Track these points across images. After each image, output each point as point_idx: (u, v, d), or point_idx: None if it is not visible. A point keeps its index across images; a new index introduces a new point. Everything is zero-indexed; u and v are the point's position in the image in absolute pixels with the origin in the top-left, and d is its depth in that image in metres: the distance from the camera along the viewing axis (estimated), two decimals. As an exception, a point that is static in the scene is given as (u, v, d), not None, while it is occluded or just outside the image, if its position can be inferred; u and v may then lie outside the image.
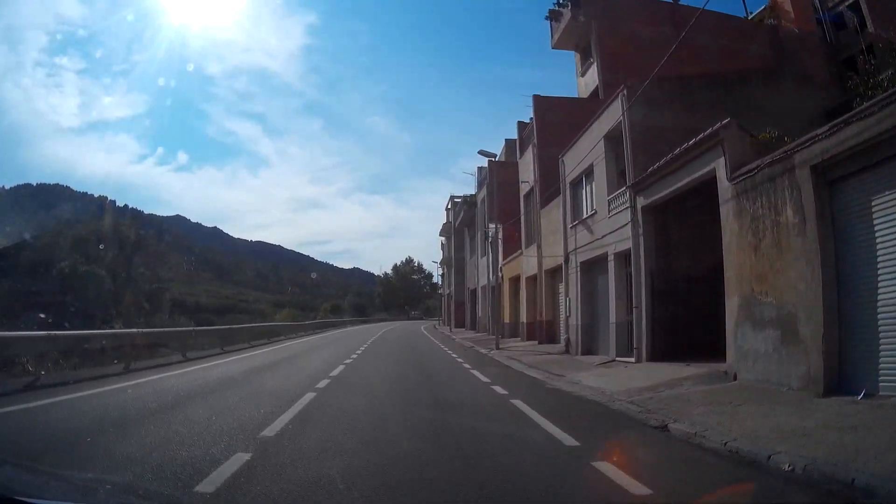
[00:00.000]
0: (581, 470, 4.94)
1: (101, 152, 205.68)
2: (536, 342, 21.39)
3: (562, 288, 19.73)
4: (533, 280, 23.38)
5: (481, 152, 21.81)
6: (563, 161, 19.21)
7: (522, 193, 24.05)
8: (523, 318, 24.05)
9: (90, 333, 15.13)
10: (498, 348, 19.81)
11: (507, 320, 27.28)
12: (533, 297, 23.37)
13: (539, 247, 21.33)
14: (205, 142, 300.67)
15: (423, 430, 6.54)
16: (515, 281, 26.05)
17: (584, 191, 17.82)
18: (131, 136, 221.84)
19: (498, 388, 10.11)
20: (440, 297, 69.84)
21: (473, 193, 37.16)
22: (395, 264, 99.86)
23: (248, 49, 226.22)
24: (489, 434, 6.41)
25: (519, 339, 24.43)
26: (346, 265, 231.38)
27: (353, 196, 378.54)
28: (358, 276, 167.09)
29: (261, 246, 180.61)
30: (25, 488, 2.37)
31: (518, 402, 8.49)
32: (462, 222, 39.70)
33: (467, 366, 14.68)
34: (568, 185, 18.68)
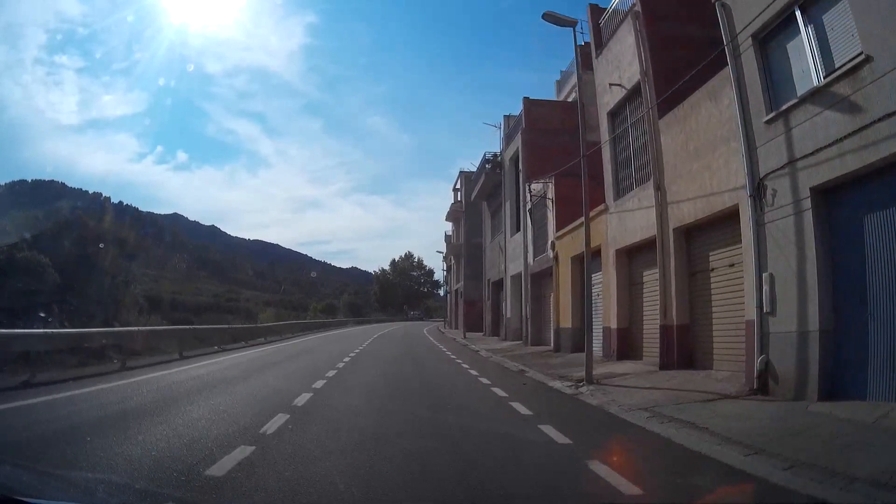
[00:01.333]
0: None
1: (101, 151, 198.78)
2: (653, 365, 11.15)
3: (728, 255, 9.60)
4: (629, 254, 13.23)
5: None
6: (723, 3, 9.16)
7: (606, 110, 13.84)
8: (610, 321, 13.68)
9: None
10: (595, 383, 9.53)
11: (562, 324, 17.07)
12: (630, 284, 13.17)
13: (659, 189, 11.10)
14: (204, 141, 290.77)
15: None
16: (581, 261, 15.78)
17: (803, 33, 7.71)
18: (131, 135, 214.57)
19: None
20: (442, 295, 59.81)
21: (497, 152, 26.94)
22: (394, 259, 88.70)
23: (248, 48, 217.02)
24: None
25: (604, 357, 13.98)
26: (345, 265, 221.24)
27: (352, 196, 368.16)
28: (355, 276, 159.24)
29: (259, 245, 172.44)
30: (25, 488, 2.28)
31: None
32: (481, 193, 29.88)
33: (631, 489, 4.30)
34: (751, 43, 8.59)
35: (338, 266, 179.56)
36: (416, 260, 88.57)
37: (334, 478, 4.15)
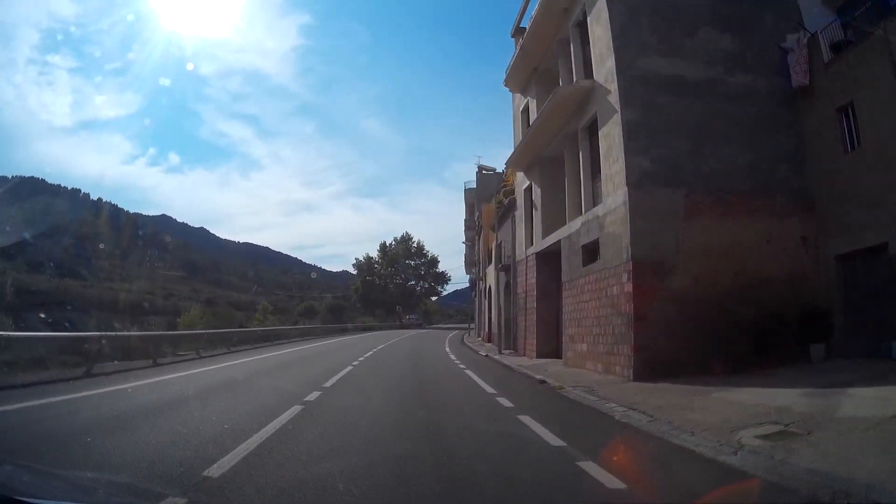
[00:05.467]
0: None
1: (93, 152, 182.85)
2: None
3: None
4: None
5: None
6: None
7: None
8: None
9: None
10: None
11: None
12: None
13: None
14: (197, 143, 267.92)
15: None
16: None
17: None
18: (123, 137, 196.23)
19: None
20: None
21: None
22: (384, 244, 64.57)
23: (241, 49, 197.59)
24: None
25: None
26: (336, 269, 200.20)
27: (346, 199, 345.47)
28: (347, 279, 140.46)
29: (248, 247, 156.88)
30: (25, 488, 2.13)
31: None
32: None
33: None
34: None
35: (329, 270, 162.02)
36: (414, 244, 64.46)
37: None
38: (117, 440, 5.07)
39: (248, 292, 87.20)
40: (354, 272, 61.33)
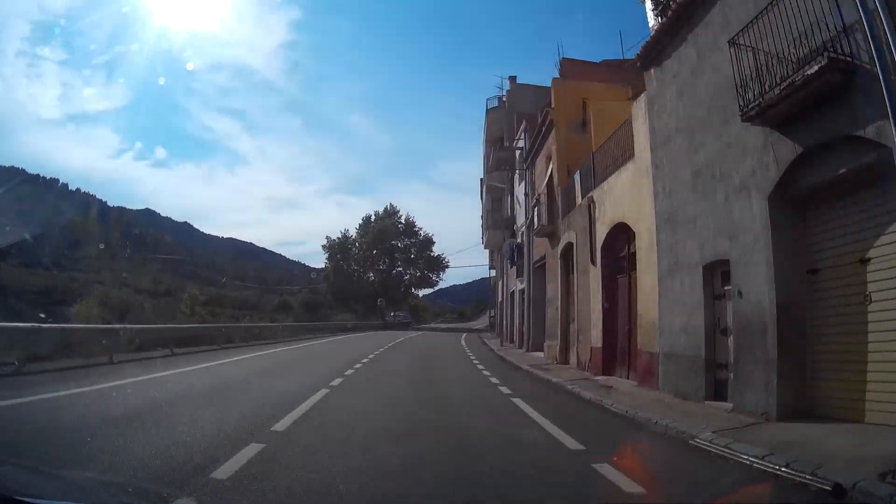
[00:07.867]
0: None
1: (81, 146, 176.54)
2: None
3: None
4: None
5: None
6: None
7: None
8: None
9: None
10: None
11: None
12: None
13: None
14: (183, 138, 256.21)
15: None
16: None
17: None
18: (110, 130, 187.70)
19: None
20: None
21: None
22: (367, 217, 50.35)
23: (229, 44, 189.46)
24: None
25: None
26: (320, 265, 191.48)
27: (331, 197, 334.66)
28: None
29: (232, 242, 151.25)
30: (25, 488, 1.99)
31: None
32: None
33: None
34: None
35: (314, 266, 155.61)
36: (402, 219, 50.27)
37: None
38: None
39: (225, 286, 78.30)
40: (325, 255, 50.02)
